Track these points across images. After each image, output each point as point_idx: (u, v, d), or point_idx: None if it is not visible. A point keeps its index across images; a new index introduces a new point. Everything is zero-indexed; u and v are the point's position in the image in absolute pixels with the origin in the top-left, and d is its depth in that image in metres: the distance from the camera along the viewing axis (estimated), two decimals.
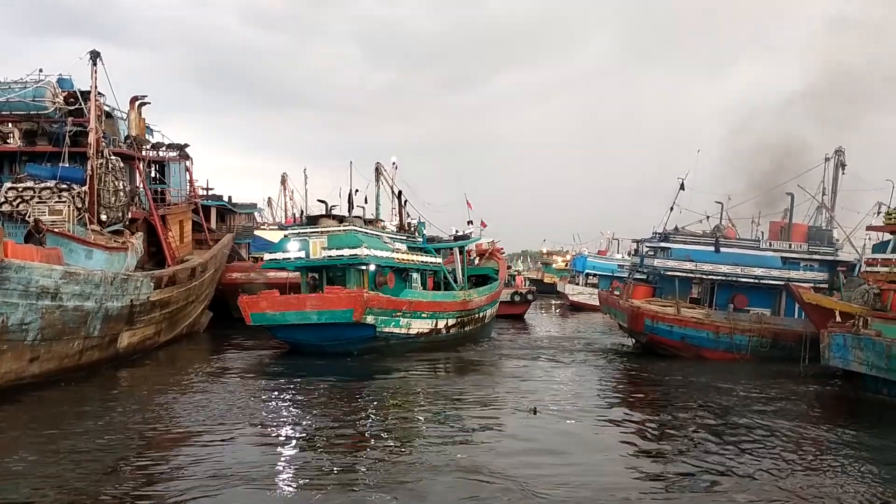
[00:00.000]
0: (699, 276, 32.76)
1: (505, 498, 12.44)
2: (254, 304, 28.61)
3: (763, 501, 12.71)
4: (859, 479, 14.32)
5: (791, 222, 34.11)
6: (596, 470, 14.53)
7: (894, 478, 14.52)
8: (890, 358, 20.30)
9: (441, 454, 15.03)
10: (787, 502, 12.80)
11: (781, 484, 13.76)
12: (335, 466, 14.15)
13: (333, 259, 29.67)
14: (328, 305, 27.92)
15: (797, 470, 14.79)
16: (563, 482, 13.43)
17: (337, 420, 18.19)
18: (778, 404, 21.76)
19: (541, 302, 75.72)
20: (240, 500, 12.24)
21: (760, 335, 30.94)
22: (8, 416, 17.68)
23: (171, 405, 19.08)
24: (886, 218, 23.32)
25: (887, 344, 20.39)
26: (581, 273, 68.51)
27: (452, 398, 21.23)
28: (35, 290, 19.50)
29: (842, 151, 34.55)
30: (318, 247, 29.62)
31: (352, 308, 27.69)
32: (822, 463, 15.50)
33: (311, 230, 30.28)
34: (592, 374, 27.06)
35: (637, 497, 12.80)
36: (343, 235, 29.74)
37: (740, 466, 14.82)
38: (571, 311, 63.32)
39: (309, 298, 28.63)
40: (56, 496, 12.01)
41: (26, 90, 27.41)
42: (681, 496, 13.05)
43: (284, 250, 30.32)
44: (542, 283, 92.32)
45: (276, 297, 28.92)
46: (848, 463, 15.48)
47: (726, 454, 15.77)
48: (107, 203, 26.83)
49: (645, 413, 20.66)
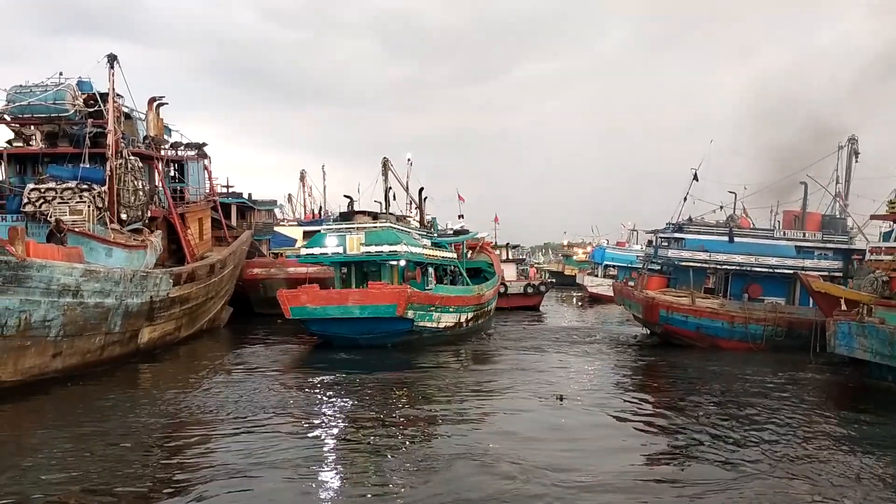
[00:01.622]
0: (713, 266, 32.86)
1: (521, 478, 13.10)
2: (294, 298, 29.45)
3: (771, 490, 12.98)
4: (859, 466, 14.51)
5: (805, 211, 34.04)
6: (614, 455, 15.17)
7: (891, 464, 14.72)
8: (893, 345, 20.42)
9: (473, 442, 15.64)
10: (789, 488, 13.08)
11: (786, 469, 14.14)
12: (369, 454, 14.78)
13: (372, 255, 30.65)
14: (372, 300, 28.77)
15: (800, 455, 15.13)
16: (580, 467, 13.94)
17: (368, 408, 18.87)
18: (787, 393, 22.01)
19: (562, 294, 76.07)
20: (271, 487, 12.69)
21: (775, 324, 31.03)
22: (35, 409, 18.37)
23: (194, 398, 19.65)
24: (889, 206, 23.35)
25: (890, 331, 20.51)
26: (600, 265, 68.52)
27: (480, 388, 21.94)
28: (56, 287, 20.14)
29: (855, 140, 34.44)
30: (356, 242, 30.49)
31: (395, 303, 28.53)
32: (824, 450, 15.73)
33: (347, 226, 31.18)
34: (608, 365, 27.50)
35: (655, 485, 13.26)
36: (381, 232, 30.70)
37: (750, 454, 15.17)
38: (591, 303, 63.43)
39: (351, 293, 29.56)
40: (83, 488, 12.44)
41: (47, 93, 28.01)
42: (696, 484, 13.38)
43: (322, 245, 31.13)
44: (563, 275, 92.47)
45: (316, 292, 29.81)
46: (848, 451, 15.67)
47: (737, 441, 16.13)
48: (126, 202, 27.46)
49: (660, 403, 21.06)
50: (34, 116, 28.28)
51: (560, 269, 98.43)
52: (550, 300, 65.40)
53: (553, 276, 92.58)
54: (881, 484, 13.45)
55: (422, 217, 41.23)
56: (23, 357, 19.59)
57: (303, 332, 32.79)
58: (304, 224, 54.47)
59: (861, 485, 13.36)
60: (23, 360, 19.60)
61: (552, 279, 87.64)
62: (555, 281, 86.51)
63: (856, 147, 34.55)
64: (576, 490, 12.70)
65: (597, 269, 69.94)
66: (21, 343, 19.41)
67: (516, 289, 52.28)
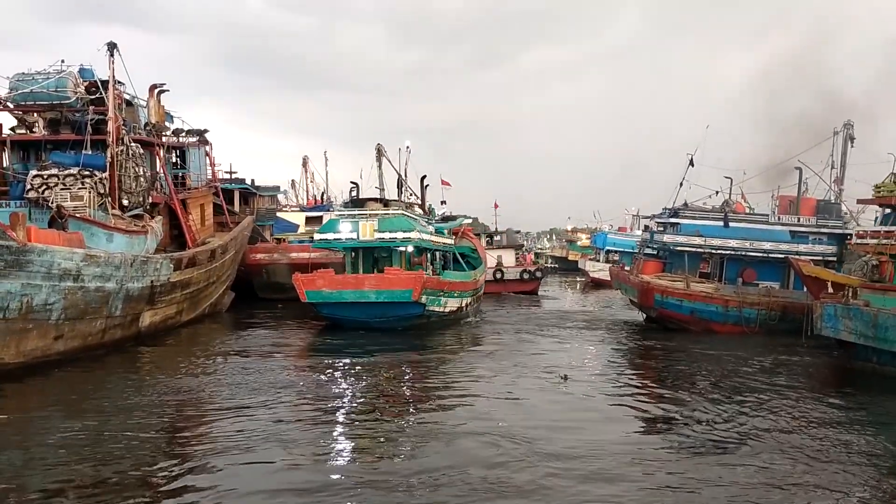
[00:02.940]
0: (708, 250, 33.22)
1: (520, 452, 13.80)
2: (310, 283, 30.20)
3: (755, 466, 13.49)
4: (841, 445, 15.00)
5: (799, 196, 34.33)
6: (610, 429, 16.03)
7: (872, 445, 15.14)
8: (876, 327, 20.80)
9: (484, 419, 16.27)
10: (775, 464, 13.60)
11: (773, 446, 14.67)
12: (376, 434, 15.26)
13: (386, 241, 31.53)
14: (388, 285, 29.66)
15: (786, 434, 15.68)
16: (577, 445, 14.51)
17: (373, 387, 19.63)
18: (777, 375, 22.58)
19: (566, 279, 76.56)
20: (279, 462, 13.16)
21: (769, 308, 31.41)
22: (39, 391, 18.86)
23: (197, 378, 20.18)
24: (875, 191, 23.62)
25: (874, 313, 20.87)
26: (602, 250, 68.83)
27: (484, 369, 22.55)
28: (57, 272, 20.61)
29: (850, 125, 34.63)
30: (369, 229, 31.29)
31: (412, 288, 29.40)
32: (808, 429, 16.25)
33: (360, 212, 32.02)
34: (606, 348, 28.19)
35: (650, 463, 13.72)
36: (394, 219, 31.59)
37: (740, 431, 15.80)
38: (592, 288, 63.83)
39: (367, 278, 30.44)
40: (88, 466, 12.77)
41: (49, 81, 28.34)
42: (689, 459, 13.98)
43: (336, 231, 31.89)
44: (567, 260, 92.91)
45: (332, 276, 30.71)
46: (830, 429, 16.18)
47: (727, 420, 16.68)
48: (128, 188, 27.88)
49: (653, 384, 21.71)
50: (36, 104, 28.59)
51: (564, 254, 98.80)
52: (553, 285, 66.02)
53: (557, 262, 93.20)
54: (863, 461, 13.94)
55: (423, 204, 41.73)
56: (25, 339, 20.08)
57: (305, 315, 33.48)
58: (306, 210, 54.80)
59: (842, 462, 13.82)
60: (25, 342, 20.10)
61: (555, 265, 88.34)
62: (557, 266, 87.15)
63: (851, 132, 34.74)
64: (575, 462, 13.34)
65: (599, 254, 70.24)
66: (23, 326, 19.89)
67: (513, 275, 52.81)
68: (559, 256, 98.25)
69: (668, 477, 12.80)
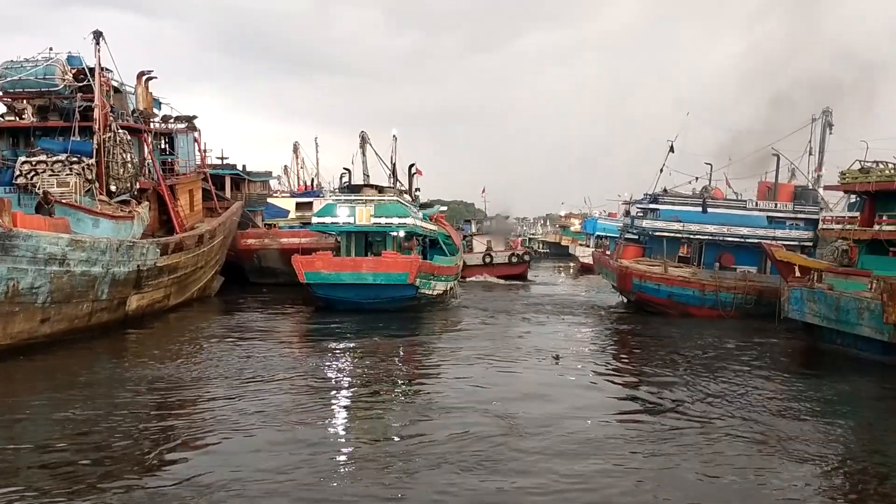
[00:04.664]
0: (686, 236, 33.82)
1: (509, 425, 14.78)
2: (309, 264, 31.39)
3: (716, 440, 14.30)
4: (799, 421, 15.87)
5: (777, 182, 34.90)
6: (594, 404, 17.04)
7: (831, 422, 15.90)
8: (838, 310, 21.40)
9: (475, 396, 17.23)
10: (740, 438, 14.44)
11: (739, 423, 15.49)
12: (368, 411, 16.08)
13: (382, 226, 32.93)
14: (385, 268, 30.99)
15: (752, 410, 16.51)
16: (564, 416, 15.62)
17: (364, 368, 20.48)
18: (748, 356, 23.37)
19: (560, 264, 77.20)
20: (271, 438, 13.72)
21: (745, 292, 32.05)
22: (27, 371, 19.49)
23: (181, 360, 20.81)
24: (841, 177, 24.19)
25: (836, 297, 21.48)
26: (592, 235, 69.39)
27: (474, 349, 23.56)
28: (43, 256, 21.20)
29: (829, 112, 35.15)
30: (366, 214, 32.60)
31: (407, 271, 30.72)
32: (773, 405, 17.19)
33: (357, 198, 33.26)
34: (592, 330, 29.16)
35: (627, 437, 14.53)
36: (389, 205, 33.01)
37: (707, 410, 16.58)
38: (582, 273, 64.46)
39: (365, 261, 31.85)
40: (73, 450, 13.05)
41: (37, 68, 28.77)
42: (661, 434, 14.74)
43: (333, 215, 33.13)
44: (560, 245, 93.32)
45: (331, 259, 32.08)
46: (794, 407, 17.03)
47: (696, 400, 17.43)
48: (115, 174, 28.37)
49: (631, 364, 22.77)
50: (25, 91, 29.05)
51: (557, 240, 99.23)
52: (547, 270, 66.66)
53: (550, 247, 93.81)
54: (822, 437, 14.70)
55: (411, 191, 42.39)
56: (12, 322, 20.68)
57: (293, 299, 34.36)
58: (296, 196, 55.34)
59: (803, 439, 14.55)
60: (12, 325, 20.70)
61: (547, 250, 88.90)
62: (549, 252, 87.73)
63: (829, 119, 35.27)
64: (562, 438, 14.14)
65: (589, 239, 70.79)
66: (10, 309, 20.49)
67: (502, 259, 53.74)
68: (552, 242, 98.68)
69: (640, 453, 13.55)
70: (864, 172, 22.57)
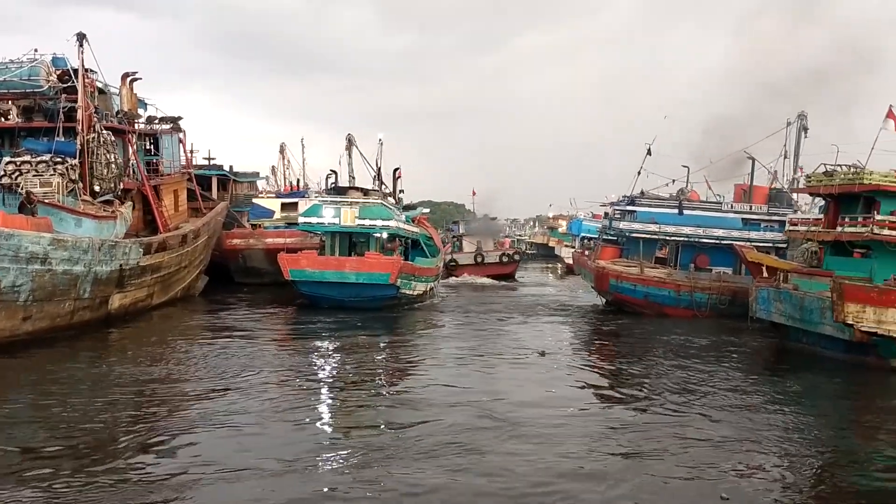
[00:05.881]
0: (662, 237, 34.43)
1: None
2: (294, 262, 32.39)
3: (682, 437, 14.72)
4: (760, 413, 16.54)
5: (752, 185, 35.53)
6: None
7: (791, 415, 16.56)
8: (803, 310, 21.99)
9: (466, 392, 17.74)
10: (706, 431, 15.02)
11: (707, 418, 16.03)
12: (356, 407, 16.55)
13: (366, 228, 33.86)
14: (368, 268, 31.95)
15: (719, 406, 17.04)
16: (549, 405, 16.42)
17: (349, 365, 21.03)
18: (718, 354, 23.96)
19: (548, 265, 77.89)
20: (256, 431, 14.08)
21: (719, 293, 32.67)
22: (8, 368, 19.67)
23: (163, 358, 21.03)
24: (806, 180, 24.76)
25: (801, 297, 22.07)
26: (577, 236, 69.90)
27: (461, 346, 24.43)
28: (25, 255, 21.59)
29: (804, 116, 35.80)
30: (351, 215, 33.51)
31: (389, 272, 31.68)
32: (739, 400, 17.75)
33: (342, 199, 34.20)
34: (573, 329, 30.12)
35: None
36: (373, 207, 34.00)
37: (677, 402, 17.27)
38: (568, 274, 65.06)
39: (348, 261, 32.70)
40: (60, 440, 13.31)
41: (22, 69, 29.21)
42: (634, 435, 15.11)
43: (319, 215, 34.07)
44: (547, 246, 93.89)
45: (315, 257, 33.15)
46: (756, 401, 17.69)
47: (668, 396, 17.96)
48: (99, 175, 28.76)
49: (608, 361, 23.65)
50: (10, 92, 29.46)
51: (545, 241, 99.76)
52: (534, 271, 67.40)
53: (538, 248, 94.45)
54: (791, 431, 15.29)
55: (395, 194, 42.96)
56: None
57: (277, 299, 34.85)
58: (281, 196, 55.70)
59: (762, 429, 15.18)
60: None
61: (535, 251, 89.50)
62: (537, 253, 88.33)
63: (805, 123, 35.91)
64: (543, 426, 14.82)
65: (575, 240, 71.29)
66: None
67: (492, 258, 54.70)
68: (540, 243, 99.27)
69: (613, 444, 14.08)
70: (828, 175, 23.14)
